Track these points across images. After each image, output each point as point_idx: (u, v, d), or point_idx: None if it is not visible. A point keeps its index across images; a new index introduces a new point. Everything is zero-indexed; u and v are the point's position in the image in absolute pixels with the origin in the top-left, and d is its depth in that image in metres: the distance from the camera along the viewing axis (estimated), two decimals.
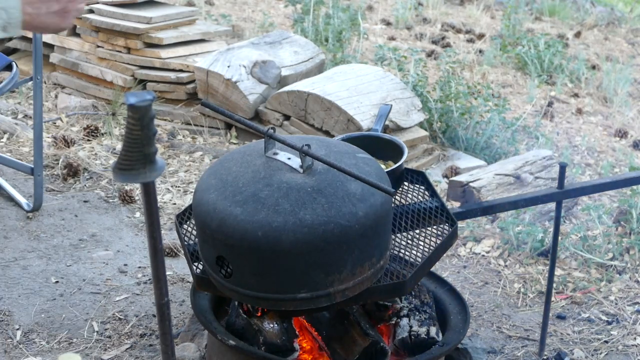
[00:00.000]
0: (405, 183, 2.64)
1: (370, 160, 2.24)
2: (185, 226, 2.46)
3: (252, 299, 2.14)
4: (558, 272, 3.60)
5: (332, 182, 2.09)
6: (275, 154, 2.16)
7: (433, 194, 2.56)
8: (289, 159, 2.14)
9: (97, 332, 2.97)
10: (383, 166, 2.54)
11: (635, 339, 3.18)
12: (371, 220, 2.09)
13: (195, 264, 2.29)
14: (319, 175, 2.09)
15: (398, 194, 2.58)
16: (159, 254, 1.66)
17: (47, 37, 5.06)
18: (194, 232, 2.39)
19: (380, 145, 2.60)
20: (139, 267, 3.42)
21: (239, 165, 2.18)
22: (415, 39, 7.26)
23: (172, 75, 4.97)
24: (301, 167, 2.09)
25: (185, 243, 2.36)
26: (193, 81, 4.94)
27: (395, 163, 2.53)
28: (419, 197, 2.58)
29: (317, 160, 2.08)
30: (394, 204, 2.52)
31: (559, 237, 2.99)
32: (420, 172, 2.66)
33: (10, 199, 3.82)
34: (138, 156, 1.56)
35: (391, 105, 2.82)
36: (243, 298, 2.17)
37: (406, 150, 2.54)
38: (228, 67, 4.75)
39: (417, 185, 2.64)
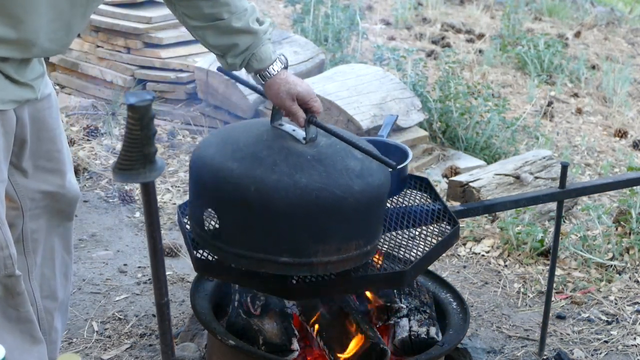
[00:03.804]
0: (411, 189, 2.65)
1: (371, 145, 2.26)
2: (186, 218, 2.45)
3: (234, 256, 2.13)
4: (558, 272, 3.60)
5: (332, 156, 2.11)
6: (281, 125, 2.18)
7: (436, 197, 2.56)
8: (294, 130, 2.15)
9: (97, 332, 2.96)
10: None
11: (635, 339, 3.18)
12: (366, 198, 2.08)
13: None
14: (321, 148, 2.11)
15: (402, 196, 2.58)
16: (158, 254, 1.66)
17: None
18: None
19: (385, 150, 2.62)
20: (139, 267, 3.42)
21: (243, 130, 2.19)
22: (415, 39, 7.26)
23: (172, 75, 4.97)
24: (305, 138, 2.10)
25: (187, 231, 2.36)
26: (193, 81, 4.93)
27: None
28: (423, 200, 2.59)
29: (321, 128, 2.10)
30: (400, 205, 2.53)
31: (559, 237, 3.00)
32: (423, 177, 2.67)
33: None
34: (138, 156, 1.56)
35: (397, 116, 2.85)
36: (225, 255, 2.16)
37: (410, 154, 2.55)
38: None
39: (421, 190, 2.64)
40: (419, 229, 2.43)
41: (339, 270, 2.14)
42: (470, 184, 4.00)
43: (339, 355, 2.37)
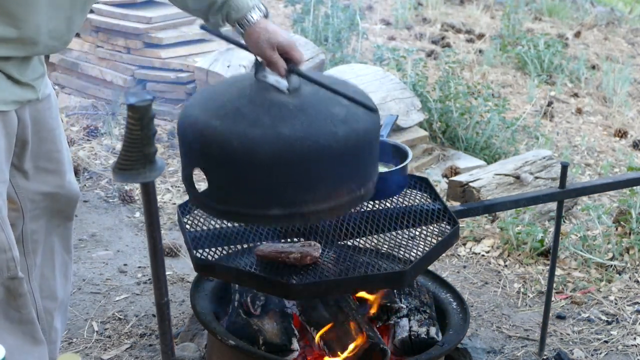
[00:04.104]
0: (411, 189, 2.65)
1: (358, 88, 2.23)
2: (186, 218, 2.45)
3: (224, 214, 2.13)
4: (558, 272, 3.60)
5: (316, 104, 2.08)
6: (265, 76, 2.16)
7: (436, 197, 2.56)
8: (278, 81, 2.14)
9: (97, 332, 2.96)
10: (385, 169, 2.55)
11: (635, 339, 3.18)
12: (351, 144, 2.06)
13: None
14: (304, 97, 2.09)
15: (402, 196, 2.58)
16: (158, 253, 1.66)
17: None
18: (195, 222, 2.39)
19: (385, 149, 2.63)
20: (139, 267, 3.42)
21: (227, 86, 2.18)
22: (415, 39, 7.25)
23: (172, 75, 4.97)
24: (288, 88, 2.09)
25: (187, 231, 2.36)
26: (193, 81, 4.93)
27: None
28: (423, 200, 2.59)
29: (303, 77, 2.09)
30: (400, 205, 2.53)
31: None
32: (423, 177, 2.67)
33: None
34: (138, 156, 1.56)
35: (397, 116, 2.85)
36: (216, 213, 2.16)
37: (410, 154, 2.55)
38: (228, 67, 4.75)
39: (421, 190, 2.64)
40: (419, 229, 2.43)
41: (333, 218, 2.13)
42: (470, 184, 4.00)
43: (339, 355, 2.37)
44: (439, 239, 2.36)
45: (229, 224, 2.41)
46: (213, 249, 2.31)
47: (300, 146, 1.99)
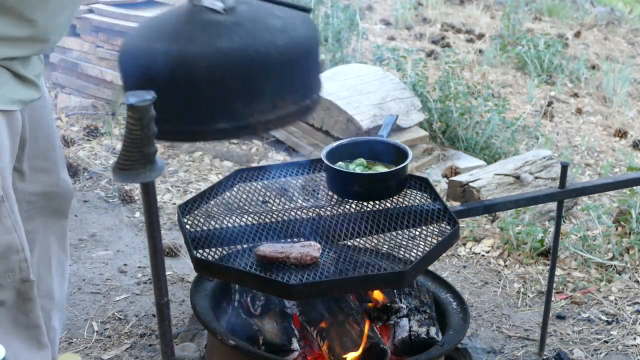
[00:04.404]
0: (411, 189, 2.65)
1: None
2: (186, 218, 2.45)
3: (172, 134, 2.15)
4: (558, 272, 3.60)
5: (252, 19, 2.12)
6: (199, 1, 2.19)
7: (436, 197, 2.56)
8: (212, 3, 2.16)
9: (97, 332, 2.96)
10: (385, 169, 2.55)
11: (635, 339, 3.18)
12: (291, 52, 2.10)
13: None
14: (240, 14, 2.14)
15: (402, 196, 2.58)
16: (158, 253, 1.66)
17: None
18: (196, 222, 2.40)
19: (386, 149, 2.63)
20: (139, 267, 3.42)
21: (163, 14, 2.21)
22: (415, 39, 7.25)
23: None
24: (224, 8, 2.10)
25: (187, 231, 2.36)
26: None
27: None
28: (423, 200, 2.59)
29: None
30: (400, 205, 2.53)
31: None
32: (423, 177, 2.67)
33: None
34: (138, 156, 1.56)
35: (397, 116, 2.85)
36: (166, 136, 2.18)
37: (410, 154, 2.55)
38: None
39: (421, 190, 2.64)
40: (419, 229, 2.43)
41: (281, 127, 2.15)
42: (470, 184, 4.00)
43: (339, 355, 2.37)
44: (439, 239, 2.36)
45: (229, 224, 2.41)
46: (213, 249, 2.31)
47: (240, 57, 2.02)
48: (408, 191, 2.60)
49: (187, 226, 2.38)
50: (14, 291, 2.08)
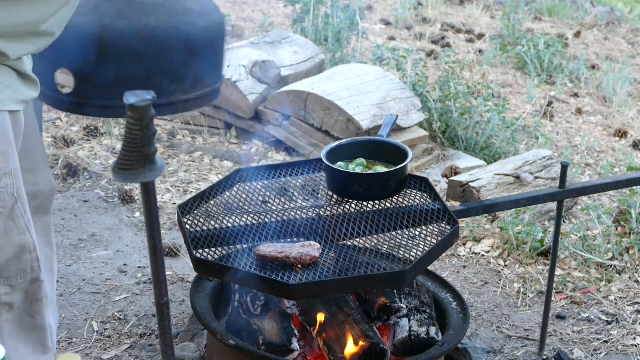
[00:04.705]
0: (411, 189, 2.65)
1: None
2: (186, 218, 2.45)
3: (96, 109, 2.18)
4: (558, 272, 3.60)
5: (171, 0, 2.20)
6: None
7: (436, 197, 2.56)
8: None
9: (97, 332, 2.96)
10: (385, 169, 2.56)
11: (635, 339, 3.18)
12: (211, 34, 2.21)
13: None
14: None
15: (402, 196, 2.58)
16: (158, 253, 1.66)
17: None
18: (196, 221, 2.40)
19: (386, 149, 2.63)
20: (139, 267, 3.42)
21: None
22: (415, 39, 7.26)
23: None
24: None
25: (187, 231, 2.36)
26: None
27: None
28: (423, 200, 2.59)
29: None
30: (400, 204, 2.53)
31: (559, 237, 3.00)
32: (423, 177, 2.68)
33: None
34: (138, 156, 1.56)
35: (397, 116, 2.85)
36: (90, 110, 2.21)
37: (410, 154, 2.55)
38: (228, 66, 4.75)
39: (421, 190, 2.64)
40: (419, 229, 2.43)
41: (196, 109, 2.27)
42: (470, 184, 4.00)
43: (339, 355, 2.37)
44: (439, 239, 2.36)
45: (229, 224, 2.41)
46: (213, 249, 2.31)
47: (167, 35, 2.10)
48: (408, 191, 2.60)
49: (187, 226, 2.38)
50: (22, 293, 2.08)
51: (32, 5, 1.89)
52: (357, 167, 2.57)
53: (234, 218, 2.45)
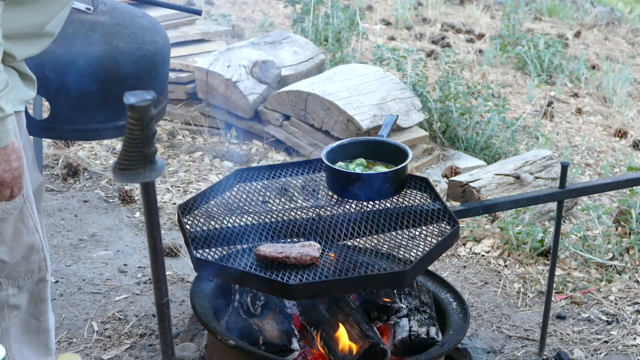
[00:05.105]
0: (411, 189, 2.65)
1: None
2: (186, 218, 2.45)
3: (74, 133, 2.24)
4: (558, 272, 3.60)
5: (125, 19, 2.29)
6: None
7: (436, 197, 2.56)
8: (74, 3, 2.23)
9: (97, 332, 2.96)
10: (385, 169, 2.56)
11: (635, 339, 3.18)
12: (167, 49, 2.35)
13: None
14: (109, 14, 2.30)
15: (402, 196, 2.58)
16: (158, 253, 1.66)
17: None
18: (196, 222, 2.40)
19: (386, 149, 2.63)
20: (139, 267, 3.42)
21: None
22: (415, 39, 7.26)
23: (171, 75, 4.96)
24: (89, 8, 2.23)
25: (187, 231, 2.36)
26: (193, 81, 4.93)
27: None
28: (423, 200, 2.59)
29: None
30: (400, 204, 2.53)
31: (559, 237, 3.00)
32: (423, 177, 2.68)
33: None
34: (138, 156, 1.56)
35: (397, 116, 2.85)
36: (66, 135, 2.26)
37: (410, 154, 2.55)
38: (228, 67, 4.75)
39: (421, 190, 2.64)
40: (419, 229, 2.43)
41: (159, 120, 2.38)
42: (470, 184, 4.00)
43: (339, 355, 2.37)
44: (439, 239, 2.36)
45: (229, 224, 2.41)
46: (213, 249, 2.31)
47: (138, 56, 2.21)
48: (408, 191, 2.60)
49: (187, 226, 2.38)
50: (27, 294, 2.09)
51: (37, 8, 1.90)
52: (357, 167, 2.57)
53: (234, 218, 2.45)
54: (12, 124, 1.83)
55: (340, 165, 2.57)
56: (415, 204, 2.55)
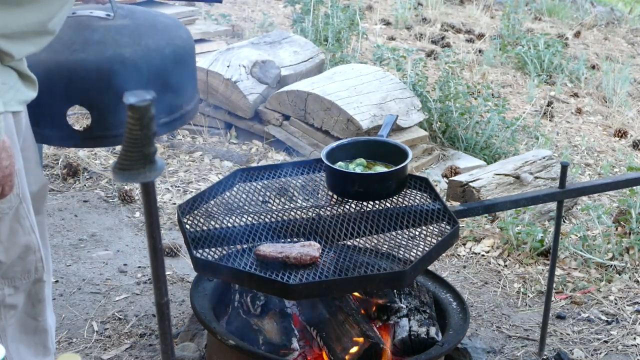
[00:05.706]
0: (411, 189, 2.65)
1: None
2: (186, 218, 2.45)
3: (114, 139, 2.24)
4: (558, 272, 3.60)
5: (147, 19, 2.30)
6: (74, 13, 2.25)
7: (436, 197, 2.56)
8: (91, 12, 2.24)
9: (97, 332, 2.96)
10: (385, 169, 2.56)
11: (634, 338, 3.18)
12: (192, 42, 2.37)
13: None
14: (129, 18, 2.32)
15: (402, 196, 2.58)
16: (158, 253, 1.66)
17: None
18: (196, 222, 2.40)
19: (386, 149, 2.63)
20: (139, 267, 3.42)
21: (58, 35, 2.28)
22: (415, 39, 7.26)
23: None
24: (109, 15, 2.24)
25: (187, 231, 2.36)
26: None
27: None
28: (423, 199, 2.59)
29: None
30: (400, 204, 2.53)
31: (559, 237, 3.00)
32: (423, 177, 2.68)
33: None
34: (138, 156, 1.56)
35: (397, 116, 2.85)
36: (107, 142, 2.25)
37: (410, 154, 2.55)
38: (228, 67, 4.75)
39: (421, 190, 2.64)
40: (419, 229, 2.43)
41: (193, 118, 2.43)
42: (470, 184, 4.00)
43: (339, 355, 2.37)
44: (439, 239, 2.36)
45: (229, 224, 2.41)
46: (213, 249, 2.31)
47: (169, 51, 2.21)
48: (408, 191, 2.60)
49: (187, 226, 2.38)
50: (24, 295, 2.09)
51: (38, 6, 1.89)
52: (357, 167, 2.57)
53: (234, 218, 2.45)
54: (4, 123, 1.82)
55: (340, 165, 2.57)
56: (415, 204, 2.55)
